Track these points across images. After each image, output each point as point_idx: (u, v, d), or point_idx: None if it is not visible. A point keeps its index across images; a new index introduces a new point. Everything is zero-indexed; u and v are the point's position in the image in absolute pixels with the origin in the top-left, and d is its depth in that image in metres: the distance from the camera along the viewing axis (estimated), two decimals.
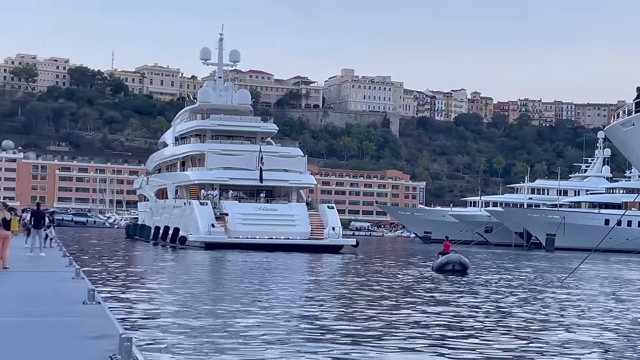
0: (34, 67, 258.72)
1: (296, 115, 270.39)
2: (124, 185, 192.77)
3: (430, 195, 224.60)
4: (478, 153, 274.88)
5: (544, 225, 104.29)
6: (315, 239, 71.40)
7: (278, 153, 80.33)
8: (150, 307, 22.44)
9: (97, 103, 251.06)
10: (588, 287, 36.89)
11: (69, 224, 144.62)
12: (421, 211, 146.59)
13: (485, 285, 35.13)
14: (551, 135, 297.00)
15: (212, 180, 76.88)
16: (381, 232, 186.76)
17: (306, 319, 21.02)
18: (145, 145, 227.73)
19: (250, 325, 19.03)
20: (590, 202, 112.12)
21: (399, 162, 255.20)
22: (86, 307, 13.48)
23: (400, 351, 16.38)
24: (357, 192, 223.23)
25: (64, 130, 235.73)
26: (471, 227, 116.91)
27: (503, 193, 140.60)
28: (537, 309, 25.81)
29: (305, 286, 32.84)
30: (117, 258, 50.05)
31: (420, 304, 25.96)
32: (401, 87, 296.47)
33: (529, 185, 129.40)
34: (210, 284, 32.37)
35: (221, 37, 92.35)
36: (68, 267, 22.50)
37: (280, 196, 78.49)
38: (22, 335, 10.92)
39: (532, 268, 53.15)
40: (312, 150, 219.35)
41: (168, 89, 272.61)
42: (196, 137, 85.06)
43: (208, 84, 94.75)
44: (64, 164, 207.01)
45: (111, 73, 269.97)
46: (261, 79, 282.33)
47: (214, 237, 68.76)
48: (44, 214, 32.71)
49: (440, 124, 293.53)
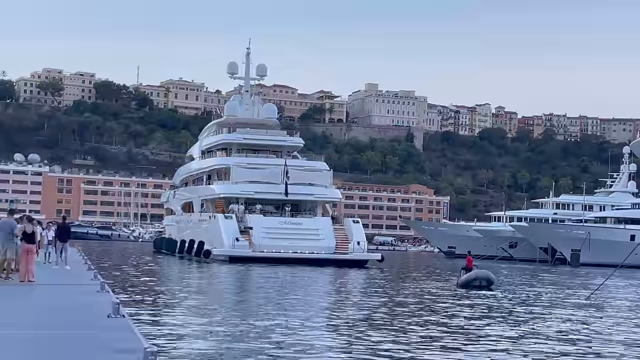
0: (60, 81, 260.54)
1: (320, 129, 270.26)
2: (149, 198, 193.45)
3: (454, 210, 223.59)
4: (502, 168, 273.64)
5: (568, 240, 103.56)
6: (340, 253, 70.96)
7: (303, 167, 79.77)
8: (174, 321, 22.46)
9: (123, 117, 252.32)
10: (614, 304, 36.62)
11: (93, 237, 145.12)
12: (445, 226, 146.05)
13: (511, 303, 34.92)
14: (576, 150, 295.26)
15: (238, 194, 76.70)
16: (405, 246, 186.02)
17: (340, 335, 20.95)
18: (170, 159, 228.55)
19: (276, 341, 18.99)
20: (616, 217, 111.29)
21: (422, 176, 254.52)
22: (111, 321, 13.52)
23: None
24: (380, 207, 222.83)
25: (89, 144, 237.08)
26: (495, 242, 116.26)
27: (527, 208, 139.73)
28: (562, 326, 25.62)
29: (333, 300, 32.76)
30: (142, 272, 50.16)
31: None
32: (425, 101, 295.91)
33: (553, 200, 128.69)
34: (234, 298, 32.36)
35: (248, 52, 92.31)
36: (93, 281, 22.58)
37: (306, 210, 78.06)
38: (47, 348, 10.97)
39: (557, 284, 52.78)
40: (336, 164, 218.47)
41: (193, 103, 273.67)
42: (222, 150, 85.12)
43: (235, 98, 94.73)
44: (89, 178, 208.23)
45: (136, 87, 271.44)
46: (285, 93, 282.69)
47: (238, 250, 68.64)
48: (69, 228, 32.84)
49: (464, 139, 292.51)
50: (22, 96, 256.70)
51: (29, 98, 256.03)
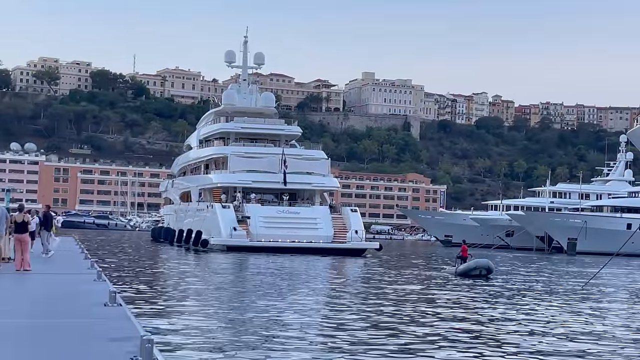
0: (56, 70, 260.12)
1: (317, 118, 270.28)
2: (145, 188, 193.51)
3: (451, 198, 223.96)
4: (499, 156, 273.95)
5: (565, 229, 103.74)
6: (338, 242, 70.99)
7: (301, 156, 79.71)
8: (172, 309, 22.43)
9: (119, 106, 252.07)
10: (609, 292, 36.66)
11: (90, 226, 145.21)
12: (442, 215, 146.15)
13: (508, 290, 34.97)
14: (573, 138, 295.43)
15: (235, 183, 76.62)
16: (401, 235, 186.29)
17: (338, 326, 20.94)
18: (167, 148, 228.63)
19: (273, 328, 18.98)
20: (612, 206, 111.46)
21: (419, 165, 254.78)
22: (108, 309, 13.50)
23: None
24: (377, 196, 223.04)
25: (85, 133, 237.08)
26: (492, 230, 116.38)
27: (524, 197, 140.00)
28: (556, 315, 25.65)
29: (333, 290, 32.76)
30: (139, 261, 50.13)
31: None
32: (422, 90, 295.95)
33: (550, 189, 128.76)
34: (232, 287, 32.35)
35: (246, 40, 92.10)
36: (90, 270, 22.53)
37: (304, 199, 78.16)
38: (43, 336, 10.94)
39: (554, 272, 52.86)
40: (333, 153, 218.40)
41: (189, 92, 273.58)
42: (220, 139, 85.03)
43: (232, 87, 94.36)
44: (85, 167, 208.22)
45: (133, 76, 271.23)
46: (282, 82, 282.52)
47: (235, 240, 68.65)
48: (51, 216, 32.92)
49: (461, 127, 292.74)
50: (18, 85, 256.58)
51: (25, 87, 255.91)
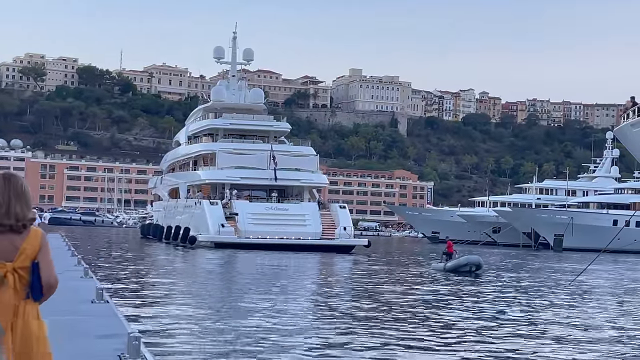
0: (42, 66, 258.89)
1: (304, 115, 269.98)
2: (132, 184, 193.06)
3: (438, 195, 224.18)
4: (486, 153, 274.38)
5: (552, 225, 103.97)
6: (327, 239, 70.81)
7: (290, 152, 79.52)
8: (159, 306, 22.38)
9: (106, 102, 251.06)
10: (597, 288, 36.81)
11: (77, 223, 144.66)
12: (429, 211, 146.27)
13: (495, 287, 35.05)
14: (559, 135, 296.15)
15: (223, 179, 76.41)
16: (389, 232, 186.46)
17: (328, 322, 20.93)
18: (154, 144, 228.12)
19: (261, 326, 18.96)
20: (599, 202, 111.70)
21: (406, 162, 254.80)
22: (95, 306, 13.45)
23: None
24: (364, 192, 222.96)
25: (72, 130, 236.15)
26: (479, 227, 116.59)
27: (511, 193, 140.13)
28: (545, 310, 25.73)
29: (322, 287, 32.77)
30: (126, 258, 50.02)
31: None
32: (409, 87, 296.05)
33: (537, 185, 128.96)
34: (220, 284, 32.33)
35: (235, 36, 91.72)
36: (77, 266, 22.43)
37: (293, 196, 77.96)
38: None
39: (541, 269, 53.02)
40: (320, 150, 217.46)
41: (176, 88, 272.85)
42: (208, 136, 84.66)
43: (221, 83, 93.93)
44: (72, 163, 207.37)
45: (119, 72, 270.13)
46: (269, 78, 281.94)
47: (223, 237, 68.46)
48: None
49: (448, 124, 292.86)
50: (4, 81, 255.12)
51: (11, 83, 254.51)
